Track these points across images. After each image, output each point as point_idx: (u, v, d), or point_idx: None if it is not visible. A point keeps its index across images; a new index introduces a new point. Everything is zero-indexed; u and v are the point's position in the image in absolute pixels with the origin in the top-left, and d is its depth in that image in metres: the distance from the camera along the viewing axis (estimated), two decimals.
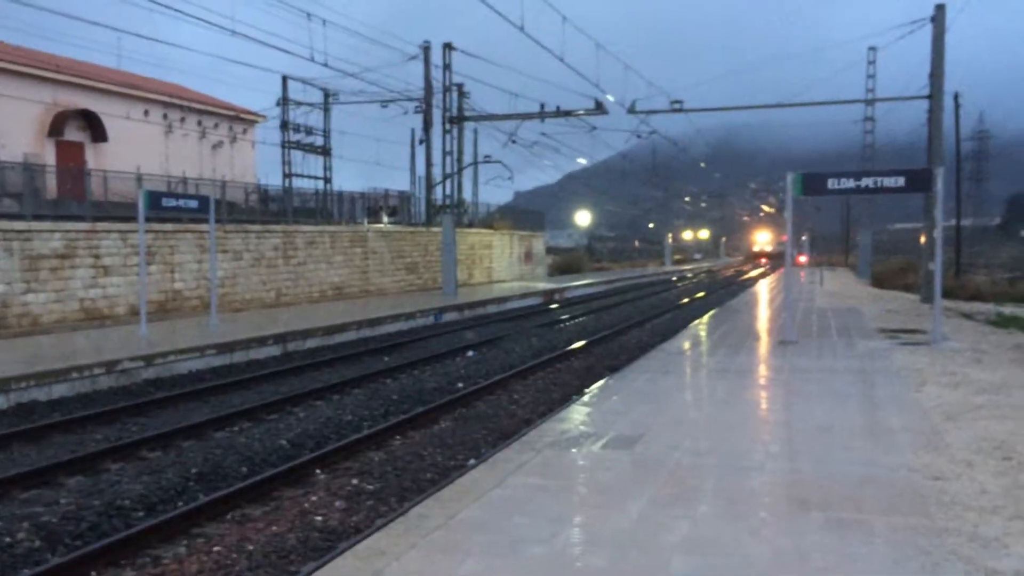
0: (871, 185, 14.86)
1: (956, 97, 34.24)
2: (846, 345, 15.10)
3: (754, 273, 66.98)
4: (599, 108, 35.60)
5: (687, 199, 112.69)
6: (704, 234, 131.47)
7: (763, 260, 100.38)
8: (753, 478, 6.56)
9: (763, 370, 12.25)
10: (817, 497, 6.04)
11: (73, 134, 32.04)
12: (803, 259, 46.20)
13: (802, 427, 8.35)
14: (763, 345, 15.25)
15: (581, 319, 25.89)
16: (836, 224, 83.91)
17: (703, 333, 17.84)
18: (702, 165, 74.21)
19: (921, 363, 12.72)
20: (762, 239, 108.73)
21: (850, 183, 14.91)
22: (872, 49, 42.43)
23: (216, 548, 6.72)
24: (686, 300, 34.81)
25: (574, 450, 7.54)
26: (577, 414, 9.20)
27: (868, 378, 11.37)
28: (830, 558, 4.86)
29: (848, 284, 40.18)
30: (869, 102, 41.43)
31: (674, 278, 59.46)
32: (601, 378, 12.98)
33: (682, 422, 8.70)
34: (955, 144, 35.83)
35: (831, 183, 14.89)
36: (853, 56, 41.94)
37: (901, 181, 14.59)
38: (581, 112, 36.43)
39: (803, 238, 48.28)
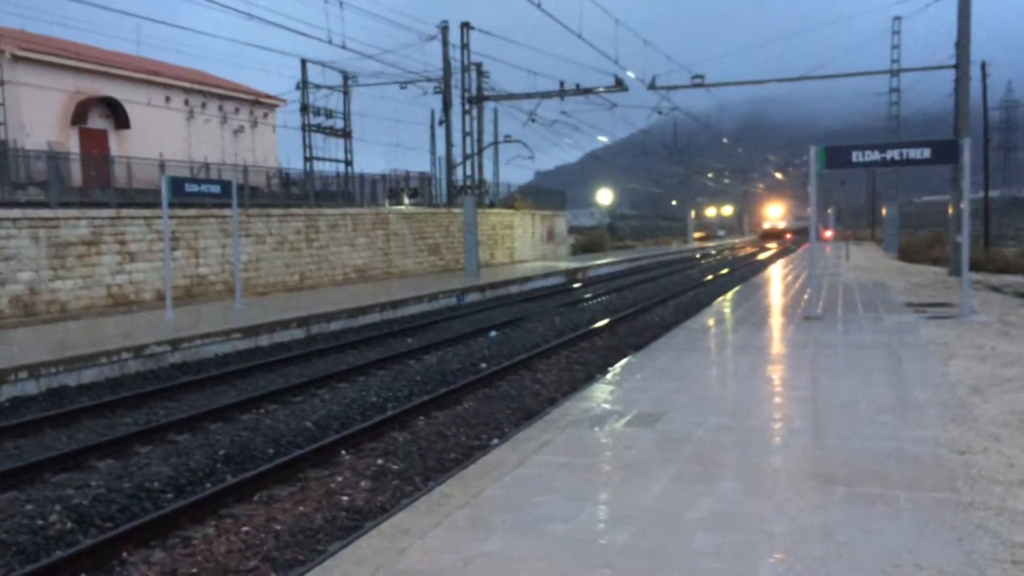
0: (896, 157, 14.64)
1: (983, 66, 33.67)
2: (872, 320, 14.96)
3: (764, 255, 56.51)
4: (619, 85, 35.33)
5: (710, 175, 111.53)
6: (727, 210, 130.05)
7: (787, 236, 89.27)
8: (777, 454, 6.53)
9: (787, 346, 12.18)
10: (842, 473, 6.01)
11: (96, 122, 32.29)
12: (828, 234, 45.74)
13: (827, 402, 8.30)
14: (788, 321, 15.15)
15: (604, 298, 25.83)
16: (862, 197, 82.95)
17: (727, 310, 17.75)
18: (725, 141, 73.56)
19: (948, 336, 12.59)
20: (774, 213, 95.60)
21: (875, 155, 14.71)
22: (897, 19, 41.81)
23: (244, 528, 6.81)
24: (709, 277, 34.63)
25: (597, 428, 7.54)
26: (600, 392, 9.20)
27: (894, 352, 11.27)
28: (855, 533, 4.84)
29: (874, 258, 39.79)
30: (894, 73, 40.87)
31: (697, 255, 59.14)
32: (624, 356, 12.96)
33: (705, 399, 8.68)
34: (983, 114, 35.28)
35: (855, 156, 14.70)
36: (879, 26, 41.29)
37: (927, 153, 14.37)
38: (601, 89, 36.17)
39: (828, 211, 47.79)
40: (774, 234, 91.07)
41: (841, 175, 62.92)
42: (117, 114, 32.74)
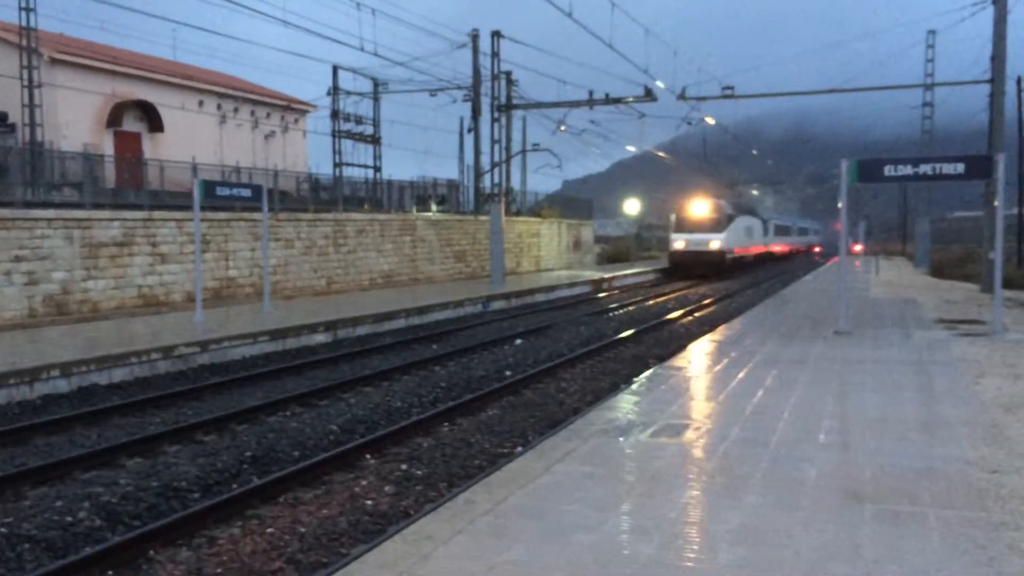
0: (929, 172, 14.48)
1: (1019, 81, 33.24)
2: (902, 336, 14.80)
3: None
4: (648, 95, 35.26)
5: (739, 187, 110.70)
6: None
7: (744, 254, 46.47)
8: (804, 469, 6.48)
9: (816, 361, 12.06)
10: (870, 489, 5.94)
11: (131, 124, 32.75)
12: (858, 248, 45.22)
13: (855, 418, 8.21)
14: (816, 335, 15.02)
15: (630, 308, 25.75)
16: (893, 211, 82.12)
17: (753, 322, 17.62)
18: (754, 152, 73.20)
19: (980, 354, 12.42)
20: (698, 212, 43.16)
21: (907, 170, 14.55)
22: (931, 32, 41.44)
23: (269, 529, 6.86)
24: (736, 289, 34.41)
25: (622, 438, 7.52)
26: (625, 403, 9.17)
27: (924, 369, 11.13)
28: (883, 551, 4.79)
29: (905, 274, 39.33)
30: (928, 87, 40.48)
31: None
32: (650, 367, 12.92)
33: (732, 411, 8.62)
34: (1017, 129, 34.80)
35: (888, 170, 14.56)
36: (915, 38, 40.95)
37: (960, 168, 14.20)
38: (630, 99, 36.12)
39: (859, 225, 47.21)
40: (699, 263, 41.37)
41: (873, 189, 62.29)
42: (151, 117, 33.18)
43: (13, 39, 27.56)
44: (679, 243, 41.46)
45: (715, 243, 40.73)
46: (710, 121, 37.03)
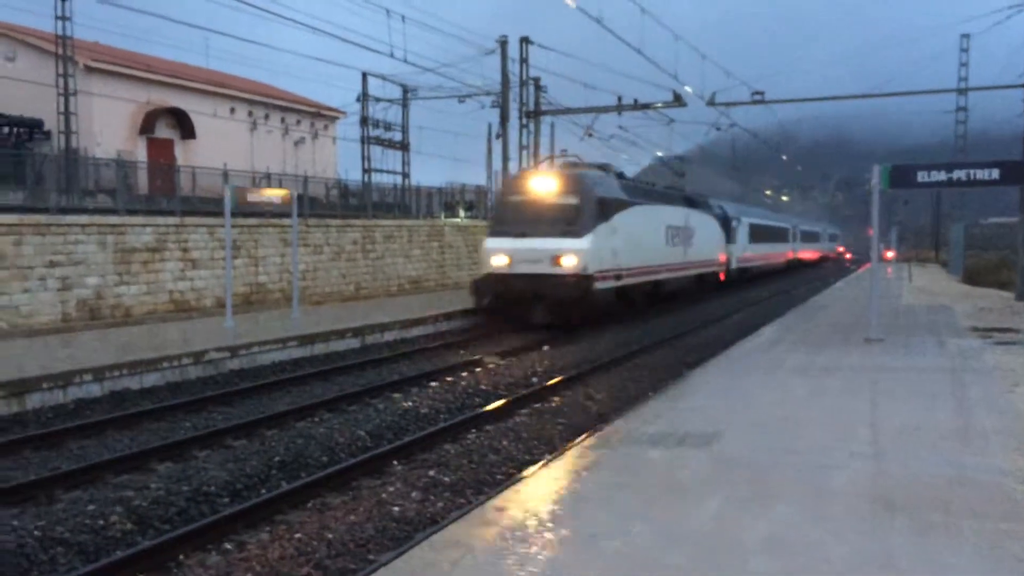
0: (963, 178, 14.28)
1: None
2: (935, 343, 14.59)
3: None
4: (677, 100, 35.07)
5: (768, 192, 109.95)
6: None
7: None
8: (835, 478, 6.40)
9: (847, 369, 11.92)
10: (903, 499, 5.86)
11: (163, 131, 33.19)
12: (890, 255, 44.52)
13: (887, 427, 8.10)
14: (847, 343, 14.85)
15: (656, 315, 25.58)
16: (924, 216, 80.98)
17: (782, 330, 17.46)
18: (784, 158, 72.63)
19: (1015, 363, 12.21)
20: (541, 190, 20.41)
21: (941, 175, 14.36)
22: (965, 36, 40.92)
23: (297, 535, 6.89)
24: (763, 296, 34.12)
25: (651, 447, 7.47)
26: (653, 411, 9.12)
27: (958, 377, 10.97)
28: (916, 562, 4.72)
29: (938, 281, 38.80)
30: (962, 91, 39.96)
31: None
32: (678, 375, 12.84)
33: (761, 420, 8.54)
34: None
35: (920, 175, 14.38)
36: (950, 43, 40.46)
37: (995, 173, 13.99)
38: (659, 105, 35.95)
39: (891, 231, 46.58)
40: (535, 297, 19.60)
41: (905, 194, 61.42)
42: (183, 124, 33.62)
43: (49, 48, 28.09)
44: (498, 258, 20.54)
45: (569, 257, 19.80)
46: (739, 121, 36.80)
